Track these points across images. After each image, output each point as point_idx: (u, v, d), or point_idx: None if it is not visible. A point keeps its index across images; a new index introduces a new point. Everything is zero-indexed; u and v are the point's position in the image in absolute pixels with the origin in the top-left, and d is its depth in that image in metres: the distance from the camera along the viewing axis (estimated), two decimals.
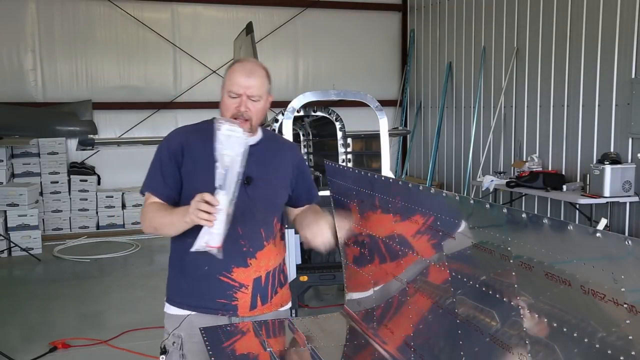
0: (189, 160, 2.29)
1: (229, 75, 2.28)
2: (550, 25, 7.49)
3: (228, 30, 9.61)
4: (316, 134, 5.92)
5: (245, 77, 2.25)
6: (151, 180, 2.33)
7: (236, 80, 2.25)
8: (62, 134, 8.78)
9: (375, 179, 1.99)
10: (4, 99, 8.87)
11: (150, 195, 2.32)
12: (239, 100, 2.25)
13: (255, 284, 2.32)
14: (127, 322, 5.26)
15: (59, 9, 9.50)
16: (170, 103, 9.80)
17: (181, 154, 2.29)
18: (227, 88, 2.26)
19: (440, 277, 1.66)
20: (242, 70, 2.27)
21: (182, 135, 2.37)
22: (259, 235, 2.32)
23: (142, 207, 2.36)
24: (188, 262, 2.30)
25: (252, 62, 2.36)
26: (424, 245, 1.76)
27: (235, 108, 2.25)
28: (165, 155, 2.31)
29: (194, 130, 2.39)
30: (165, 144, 2.35)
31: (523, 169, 7.40)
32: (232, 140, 2.06)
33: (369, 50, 11.02)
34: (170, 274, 2.41)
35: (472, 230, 1.49)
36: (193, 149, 2.30)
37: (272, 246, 2.36)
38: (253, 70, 2.28)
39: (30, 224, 8.00)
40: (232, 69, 2.30)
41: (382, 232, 2.02)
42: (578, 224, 1.13)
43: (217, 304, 2.30)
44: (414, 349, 1.86)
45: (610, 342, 1.09)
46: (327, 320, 2.46)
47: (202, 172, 2.24)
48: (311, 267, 4.99)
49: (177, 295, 2.36)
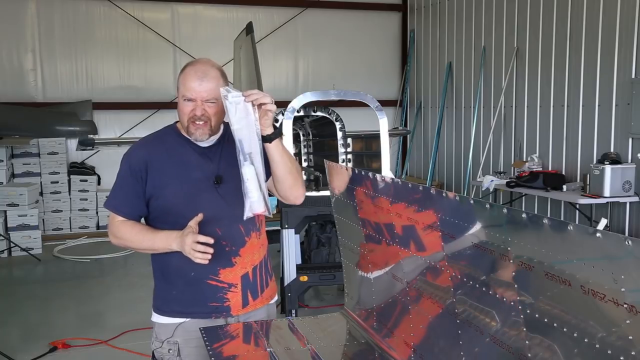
0: (155, 174, 2.25)
1: (182, 79, 2.21)
2: (550, 25, 7.49)
3: (228, 30, 9.61)
4: (316, 134, 5.92)
5: (198, 81, 2.18)
6: (114, 199, 2.32)
7: (189, 85, 2.19)
8: (62, 134, 8.78)
9: (375, 179, 1.99)
10: (4, 99, 8.87)
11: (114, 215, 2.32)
12: (194, 104, 2.20)
13: (244, 281, 2.32)
14: (127, 322, 5.26)
15: (59, 9, 9.50)
16: (170, 103, 9.78)
17: (145, 170, 2.25)
18: (181, 93, 2.21)
19: (440, 277, 1.66)
20: (194, 74, 2.20)
21: (142, 150, 2.31)
22: (239, 231, 2.30)
23: (109, 221, 2.36)
24: (173, 271, 2.29)
25: (204, 63, 2.24)
26: (424, 246, 1.76)
27: (191, 112, 2.21)
28: (127, 173, 2.28)
29: (155, 141, 2.34)
30: (126, 161, 2.30)
31: (523, 169, 7.40)
32: (240, 108, 2.06)
33: (369, 50, 11.01)
34: (157, 285, 2.40)
35: (472, 230, 1.49)
36: (156, 162, 2.27)
37: (254, 240, 2.35)
38: (206, 73, 2.20)
39: (30, 224, 8.00)
40: (185, 72, 2.22)
41: (382, 232, 2.02)
42: (578, 224, 1.13)
43: (209, 308, 2.30)
44: (414, 349, 1.86)
45: (610, 342, 1.09)
46: (327, 320, 2.46)
47: (171, 182, 2.23)
48: (311, 267, 4.99)
49: (167, 305, 2.34)
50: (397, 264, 1.95)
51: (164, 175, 2.25)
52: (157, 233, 2.24)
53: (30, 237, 7.95)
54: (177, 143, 2.30)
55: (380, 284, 2.13)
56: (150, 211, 2.30)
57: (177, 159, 2.26)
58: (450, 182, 9.95)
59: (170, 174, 2.23)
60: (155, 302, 2.40)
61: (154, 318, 2.39)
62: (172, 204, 2.24)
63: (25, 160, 8.77)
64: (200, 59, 2.30)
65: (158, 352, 2.35)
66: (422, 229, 1.73)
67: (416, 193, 1.71)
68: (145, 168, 2.25)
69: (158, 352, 2.34)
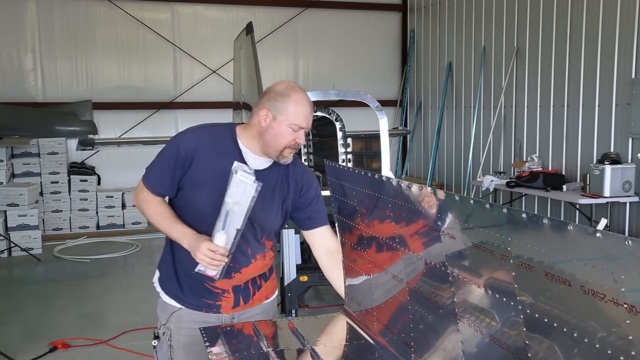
0: (198, 169, 2.24)
1: (293, 105, 2.19)
2: (550, 25, 7.49)
3: (228, 30, 9.61)
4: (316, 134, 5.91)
5: (311, 110, 2.22)
6: (150, 174, 2.31)
7: (303, 111, 2.20)
8: (62, 134, 8.77)
9: (375, 179, 1.99)
10: (4, 99, 8.88)
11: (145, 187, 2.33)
12: (299, 133, 2.21)
13: (235, 289, 2.37)
14: (127, 322, 5.26)
15: (59, 9, 9.50)
16: (170, 103, 9.79)
17: (190, 161, 2.23)
18: (290, 120, 2.18)
19: (440, 277, 1.66)
20: (307, 102, 2.22)
21: (196, 140, 2.28)
22: (246, 253, 2.33)
23: (138, 186, 2.35)
24: (179, 260, 2.33)
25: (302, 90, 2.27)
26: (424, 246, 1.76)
27: (294, 139, 2.22)
28: (172, 155, 2.25)
29: (210, 137, 2.30)
30: (176, 144, 2.27)
31: (523, 169, 7.40)
32: (242, 188, 2.04)
33: (369, 50, 11.02)
34: (165, 264, 2.43)
35: (472, 230, 1.49)
36: (204, 159, 2.24)
37: (259, 262, 2.39)
38: (310, 101, 2.25)
39: (30, 224, 8.00)
40: (295, 99, 2.19)
41: (382, 232, 2.02)
42: (578, 224, 1.13)
43: (203, 303, 2.35)
44: (414, 349, 1.86)
45: (610, 342, 1.09)
46: (327, 320, 2.46)
47: (208, 184, 2.22)
48: (311, 267, 4.98)
49: (170, 284, 2.39)
50: (397, 264, 1.95)
51: (204, 175, 2.23)
52: (176, 224, 2.24)
53: (30, 237, 7.95)
54: (230, 150, 2.26)
55: (380, 284, 2.13)
56: (176, 197, 2.31)
57: (222, 165, 2.20)
58: (450, 182, 9.95)
59: (210, 177, 2.22)
60: (161, 276, 2.45)
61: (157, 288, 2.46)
62: (199, 207, 2.24)
63: (25, 160, 8.77)
64: (296, 84, 2.27)
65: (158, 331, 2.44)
66: (422, 229, 1.73)
67: (416, 193, 1.71)
68: (191, 160, 2.23)
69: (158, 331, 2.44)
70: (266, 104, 2.22)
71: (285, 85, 2.25)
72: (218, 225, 2.09)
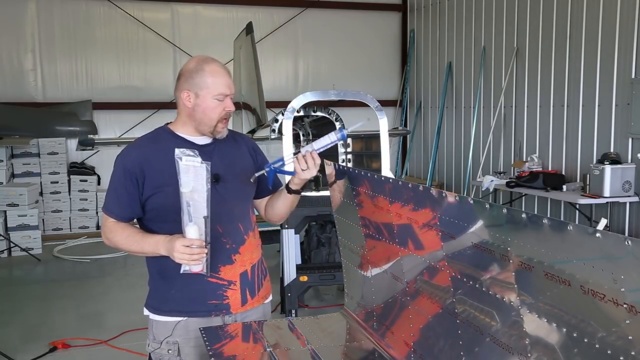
0: (154, 174, 2.24)
1: (210, 77, 2.22)
2: (550, 25, 7.49)
3: (228, 30, 9.61)
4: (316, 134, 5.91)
5: (229, 76, 2.26)
6: (108, 201, 2.31)
7: (223, 80, 2.23)
8: (62, 134, 8.78)
9: (375, 179, 1.99)
10: (4, 99, 8.88)
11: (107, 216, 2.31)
12: (225, 101, 2.24)
13: (243, 278, 2.33)
14: (127, 322, 5.26)
15: (59, 9, 9.50)
16: (170, 103, 9.78)
17: (141, 171, 2.23)
18: (211, 92, 2.21)
19: (440, 277, 1.66)
20: (223, 70, 2.26)
21: (136, 151, 2.29)
22: (239, 230, 2.33)
23: (102, 221, 2.35)
24: (172, 270, 2.21)
25: (214, 59, 2.31)
26: (424, 246, 1.76)
27: (223, 109, 2.25)
28: (120, 175, 2.25)
29: (149, 142, 2.32)
30: (120, 164, 2.27)
31: (523, 169, 7.40)
32: (192, 173, 2.03)
33: (369, 50, 11.01)
34: (154, 285, 2.38)
35: (472, 230, 1.49)
36: (154, 162, 2.25)
37: (252, 239, 2.39)
38: (226, 68, 2.31)
39: (30, 224, 8.00)
40: (210, 70, 2.23)
41: (382, 232, 2.02)
42: (578, 224, 1.13)
43: (209, 306, 2.29)
44: (414, 349, 1.86)
45: (610, 342, 1.09)
46: (327, 320, 2.46)
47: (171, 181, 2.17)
48: (311, 267, 4.99)
49: (165, 304, 2.32)
50: (396, 264, 1.95)
51: (163, 174, 2.22)
52: (146, 238, 2.22)
53: (30, 237, 7.96)
54: (173, 142, 2.27)
55: (380, 284, 2.13)
56: (148, 211, 2.28)
57: (173, 159, 2.20)
58: (450, 182, 9.95)
59: (169, 175, 2.19)
60: (151, 302, 2.37)
61: (151, 317, 2.36)
62: (172, 208, 2.20)
63: (25, 160, 8.77)
64: (206, 56, 2.30)
65: (156, 354, 2.32)
66: (422, 229, 1.73)
67: (416, 193, 1.71)
68: (141, 169, 2.23)
69: (156, 353, 2.32)
70: (185, 85, 2.25)
71: (195, 61, 2.28)
72: (184, 219, 2.07)
